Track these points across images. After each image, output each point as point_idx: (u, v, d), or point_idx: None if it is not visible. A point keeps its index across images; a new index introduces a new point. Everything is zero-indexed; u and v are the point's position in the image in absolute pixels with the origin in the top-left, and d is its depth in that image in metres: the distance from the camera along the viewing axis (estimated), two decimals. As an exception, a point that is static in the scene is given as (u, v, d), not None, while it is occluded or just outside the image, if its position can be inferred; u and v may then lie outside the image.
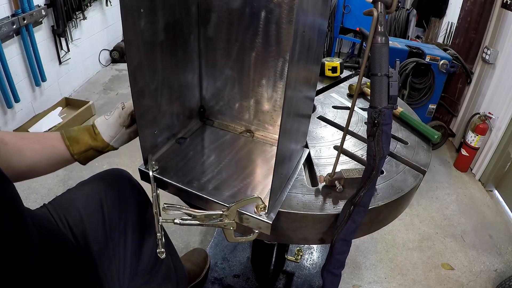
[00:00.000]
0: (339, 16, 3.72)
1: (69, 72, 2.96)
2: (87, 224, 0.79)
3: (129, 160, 2.26)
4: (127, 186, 0.89)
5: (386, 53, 0.57)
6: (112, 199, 0.84)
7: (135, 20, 0.63)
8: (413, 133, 1.06)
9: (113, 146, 0.80)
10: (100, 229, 0.81)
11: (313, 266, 1.48)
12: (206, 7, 0.83)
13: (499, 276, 1.68)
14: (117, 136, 0.79)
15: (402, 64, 2.38)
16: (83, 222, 0.79)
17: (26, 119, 2.43)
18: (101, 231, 0.81)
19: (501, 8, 2.23)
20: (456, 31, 2.69)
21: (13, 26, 2.12)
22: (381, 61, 0.57)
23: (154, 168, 0.76)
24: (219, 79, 0.92)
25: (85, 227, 0.79)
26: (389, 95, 0.58)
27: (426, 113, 2.57)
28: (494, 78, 2.28)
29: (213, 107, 0.98)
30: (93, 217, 0.81)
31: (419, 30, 3.75)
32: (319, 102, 1.21)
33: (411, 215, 2.02)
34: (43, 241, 0.63)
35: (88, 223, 0.79)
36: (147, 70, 0.71)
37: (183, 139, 0.91)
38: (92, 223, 0.80)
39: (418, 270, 1.69)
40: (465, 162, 2.42)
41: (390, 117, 0.59)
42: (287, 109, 0.59)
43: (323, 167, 0.87)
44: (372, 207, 0.75)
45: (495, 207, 2.15)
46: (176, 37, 0.78)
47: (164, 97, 0.79)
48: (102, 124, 0.78)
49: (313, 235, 0.79)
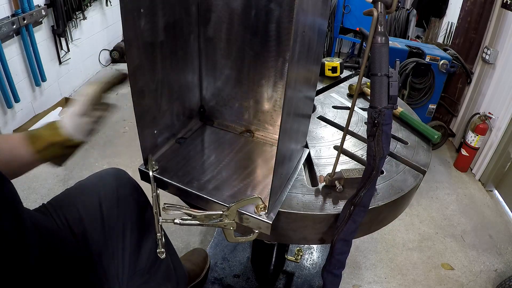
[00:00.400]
0: (339, 16, 3.72)
1: (69, 72, 2.96)
2: (86, 224, 0.79)
3: (129, 160, 2.26)
4: (126, 186, 0.89)
5: (386, 53, 0.57)
6: (110, 198, 0.84)
7: (135, 20, 0.63)
8: (413, 133, 1.06)
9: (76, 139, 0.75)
10: (99, 229, 0.81)
11: (313, 266, 1.48)
12: (206, 7, 0.83)
13: (499, 276, 1.68)
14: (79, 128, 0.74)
15: (402, 64, 2.38)
16: (82, 222, 0.79)
17: (26, 119, 2.43)
18: (100, 231, 0.81)
19: (501, 8, 2.23)
20: (456, 31, 2.69)
21: (13, 26, 2.11)
22: (381, 61, 0.57)
23: (154, 168, 0.76)
24: (219, 79, 0.92)
25: (84, 226, 0.79)
26: (389, 95, 0.58)
27: (426, 113, 2.57)
28: (494, 78, 2.28)
29: (213, 107, 0.98)
30: (92, 216, 0.81)
31: (419, 30, 3.75)
32: (319, 102, 1.21)
33: (411, 215, 2.02)
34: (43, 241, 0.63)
35: (87, 223, 0.79)
36: (147, 70, 0.71)
37: (183, 139, 0.91)
38: (91, 223, 0.80)
39: (418, 270, 1.69)
40: (465, 162, 2.42)
41: (390, 117, 0.59)
42: (287, 109, 0.59)
43: (323, 167, 0.87)
44: (372, 207, 0.75)
45: (495, 207, 2.15)
46: (176, 37, 0.78)
47: (164, 97, 0.79)
48: (65, 117, 0.75)
49: (313, 235, 0.79)
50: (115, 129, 2.58)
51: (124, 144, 2.43)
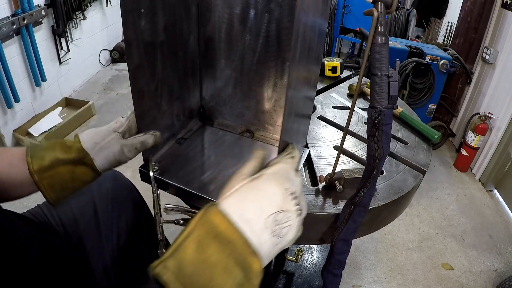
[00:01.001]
0: (339, 16, 3.72)
1: (69, 72, 2.96)
2: (81, 225, 0.79)
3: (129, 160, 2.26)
4: (122, 187, 0.88)
5: (386, 53, 0.57)
6: (105, 199, 0.83)
7: (135, 20, 0.63)
8: (413, 133, 1.06)
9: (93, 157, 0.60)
10: (93, 230, 0.80)
11: (313, 266, 1.48)
12: (206, 7, 0.83)
13: (499, 276, 1.68)
14: (104, 143, 0.61)
15: (402, 64, 2.38)
16: (77, 222, 0.78)
17: (26, 119, 2.43)
18: (94, 232, 0.80)
19: (501, 8, 2.23)
20: (456, 31, 2.69)
21: (13, 26, 2.11)
22: (381, 61, 0.57)
23: (154, 169, 0.75)
24: (219, 79, 0.92)
25: (78, 226, 0.78)
26: (389, 95, 0.58)
27: (426, 113, 2.57)
28: (494, 78, 2.28)
29: (213, 107, 0.98)
30: (86, 217, 0.80)
31: (419, 30, 3.75)
32: (319, 102, 1.21)
33: (411, 215, 2.02)
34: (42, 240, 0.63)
35: (81, 224, 0.79)
36: (147, 70, 0.70)
37: (183, 139, 0.91)
38: (85, 224, 0.79)
39: (418, 270, 1.69)
40: (465, 162, 2.42)
41: (390, 117, 0.59)
42: (288, 109, 0.59)
43: (323, 167, 0.87)
44: (372, 207, 0.75)
45: (495, 207, 2.15)
46: (176, 37, 0.78)
47: (164, 98, 0.79)
48: (89, 132, 0.63)
49: (313, 235, 0.79)
50: (115, 129, 2.57)
51: (124, 144, 2.43)
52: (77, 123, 2.61)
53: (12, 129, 2.32)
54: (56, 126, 2.44)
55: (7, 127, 2.28)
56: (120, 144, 0.64)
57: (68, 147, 0.59)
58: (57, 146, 0.59)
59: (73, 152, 0.59)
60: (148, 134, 0.69)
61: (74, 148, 0.59)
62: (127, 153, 0.65)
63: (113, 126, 0.65)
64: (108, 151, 0.62)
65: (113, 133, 0.64)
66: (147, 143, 0.68)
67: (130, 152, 0.65)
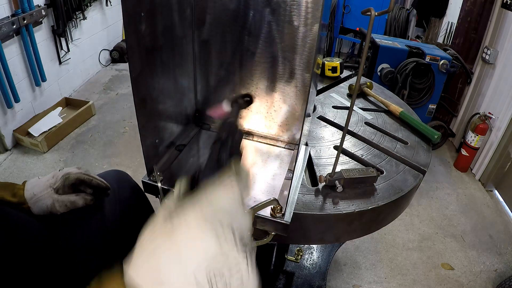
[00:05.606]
0: (339, 16, 3.72)
1: (69, 72, 2.96)
2: (86, 225, 0.79)
3: (129, 160, 2.26)
4: (127, 188, 0.89)
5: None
6: (111, 200, 0.83)
7: (137, 25, 0.62)
8: (413, 133, 1.06)
9: (30, 206, 0.69)
10: (99, 230, 0.80)
11: (313, 266, 1.48)
12: (201, 9, 0.81)
13: (499, 276, 1.68)
14: (40, 195, 0.69)
15: (402, 64, 2.38)
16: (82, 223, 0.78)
17: (26, 119, 2.43)
18: (99, 232, 0.80)
19: (501, 8, 2.23)
20: (456, 31, 2.69)
21: (13, 26, 2.12)
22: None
23: (159, 178, 0.74)
24: (214, 82, 0.91)
25: (83, 227, 0.78)
26: None
27: (426, 113, 2.57)
28: (494, 78, 2.28)
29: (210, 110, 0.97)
30: (92, 218, 0.80)
31: (419, 30, 3.75)
32: (319, 102, 1.21)
33: (411, 215, 2.02)
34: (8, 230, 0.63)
35: (87, 224, 0.79)
36: (148, 77, 0.69)
37: (182, 146, 0.90)
38: (91, 225, 0.79)
39: (418, 270, 1.69)
40: (465, 162, 2.42)
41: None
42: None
43: (323, 167, 0.87)
44: (372, 207, 0.75)
45: (495, 207, 2.15)
46: (173, 41, 0.77)
47: (163, 105, 0.78)
48: (33, 181, 0.72)
49: (313, 235, 0.79)
50: (115, 129, 2.58)
51: (124, 144, 2.43)
52: (77, 123, 2.61)
53: (12, 129, 2.32)
54: (56, 126, 2.44)
55: (7, 127, 2.28)
56: (53, 199, 0.70)
57: (14, 193, 0.69)
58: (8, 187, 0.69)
59: (17, 197, 0.68)
60: (79, 196, 0.73)
61: (18, 194, 0.69)
62: (58, 207, 0.71)
63: (50, 180, 0.71)
64: (42, 203, 0.70)
65: (48, 188, 0.70)
66: (77, 204, 0.73)
67: (61, 207, 0.71)
